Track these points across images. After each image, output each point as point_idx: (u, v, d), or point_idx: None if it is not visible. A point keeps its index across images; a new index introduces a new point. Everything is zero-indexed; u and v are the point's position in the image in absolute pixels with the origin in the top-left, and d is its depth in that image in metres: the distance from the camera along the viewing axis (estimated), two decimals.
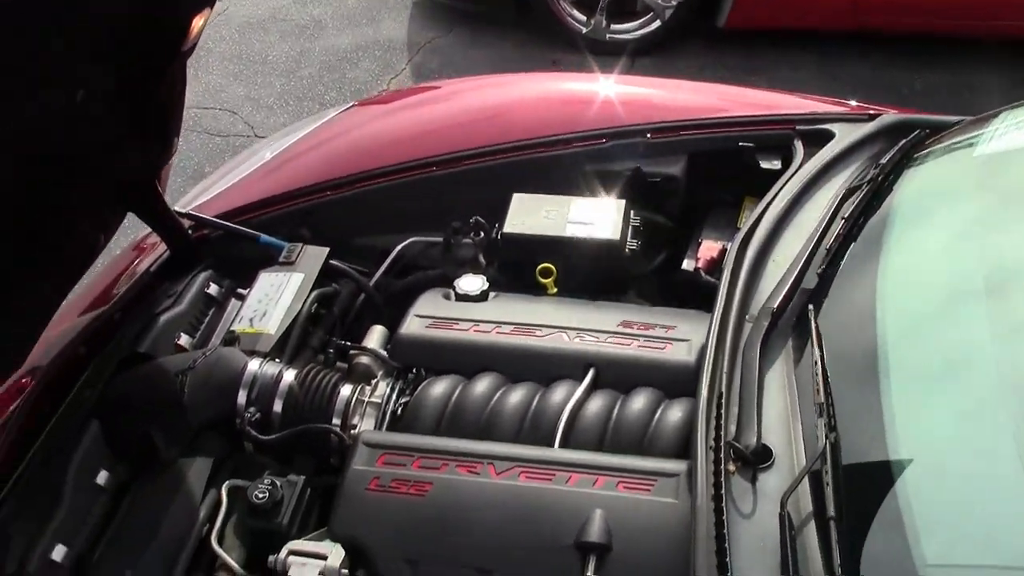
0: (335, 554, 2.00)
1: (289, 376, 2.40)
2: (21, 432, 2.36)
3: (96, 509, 2.28)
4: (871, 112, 2.91)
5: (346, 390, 2.37)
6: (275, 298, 2.64)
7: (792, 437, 1.94)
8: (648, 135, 2.94)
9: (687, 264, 2.78)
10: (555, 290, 2.65)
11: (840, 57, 6.22)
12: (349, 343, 2.58)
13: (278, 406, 2.36)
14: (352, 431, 2.31)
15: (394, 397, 2.35)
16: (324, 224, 2.97)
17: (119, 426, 2.37)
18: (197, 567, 2.20)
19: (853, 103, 3.11)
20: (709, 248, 2.76)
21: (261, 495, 2.14)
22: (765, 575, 1.73)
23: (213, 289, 2.78)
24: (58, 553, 2.16)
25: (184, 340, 2.64)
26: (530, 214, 2.73)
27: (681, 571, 1.81)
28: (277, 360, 2.48)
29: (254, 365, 2.42)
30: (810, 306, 2.16)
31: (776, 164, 2.84)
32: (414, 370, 2.41)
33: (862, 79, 6.07)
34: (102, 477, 2.30)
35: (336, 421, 2.33)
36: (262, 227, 2.93)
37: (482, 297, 2.54)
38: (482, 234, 2.80)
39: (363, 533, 2.02)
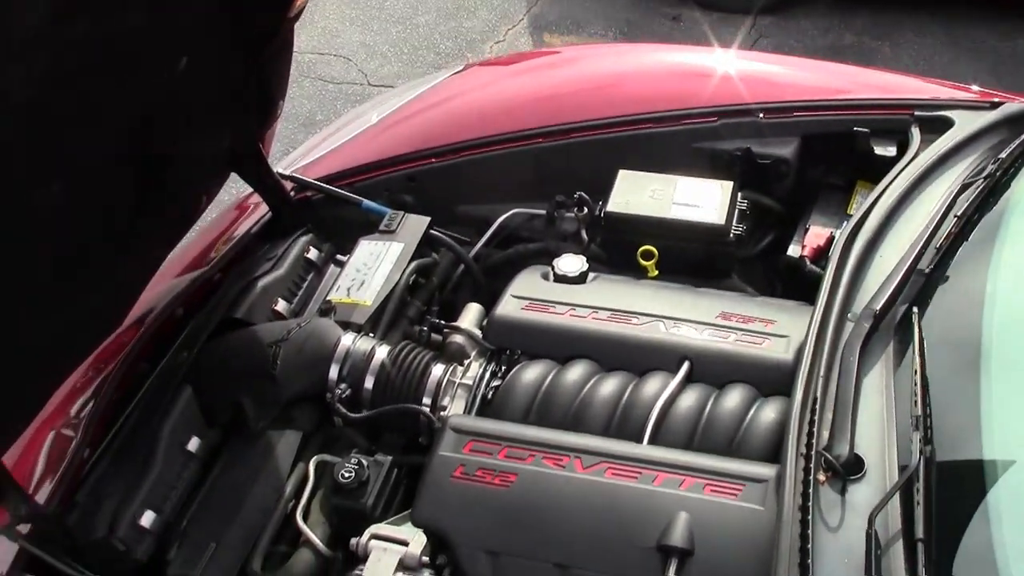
0: (416, 541, 2.00)
1: (382, 353, 2.39)
2: (118, 391, 2.40)
3: (186, 475, 2.30)
4: (994, 100, 2.79)
5: (438, 370, 2.36)
6: (374, 268, 2.63)
7: (886, 448, 1.87)
8: (761, 115, 2.86)
9: (793, 250, 2.71)
10: (655, 273, 2.60)
11: (967, 24, 6.04)
12: (443, 322, 2.57)
13: (369, 383, 2.36)
14: (442, 412, 2.30)
15: (486, 380, 2.33)
16: (427, 191, 2.96)
17: (211, 393, 2.39)
18: (281, 540, 2.22)
19: (976, 88, 2.99)
20: (816, 235, 2.68)
21: (347, 474, 2.14)
22: None
23: (313, 254, 2.78)
24: (147, 519, 2.18)
25: (281, 306, 2.65)
26: (635, 193, 2.68)
27: None
28: (371, 335, 2.48)
29: (347, 340, 2.42)
30: (914, 308, 2.08)
31: (891, 151, 2.74)
32: (507, 352, 2.39)
33: (988, 48, 5.90)
34: (193, 444, 2.32)
35: (426, 401, 2.33)
36: (365, 191, 2.93)
37: (580, 279, 2.49)
38: (585, 210, 2.75)
39: (445, 521, 2.01)
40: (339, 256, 2.81)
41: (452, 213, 2.95)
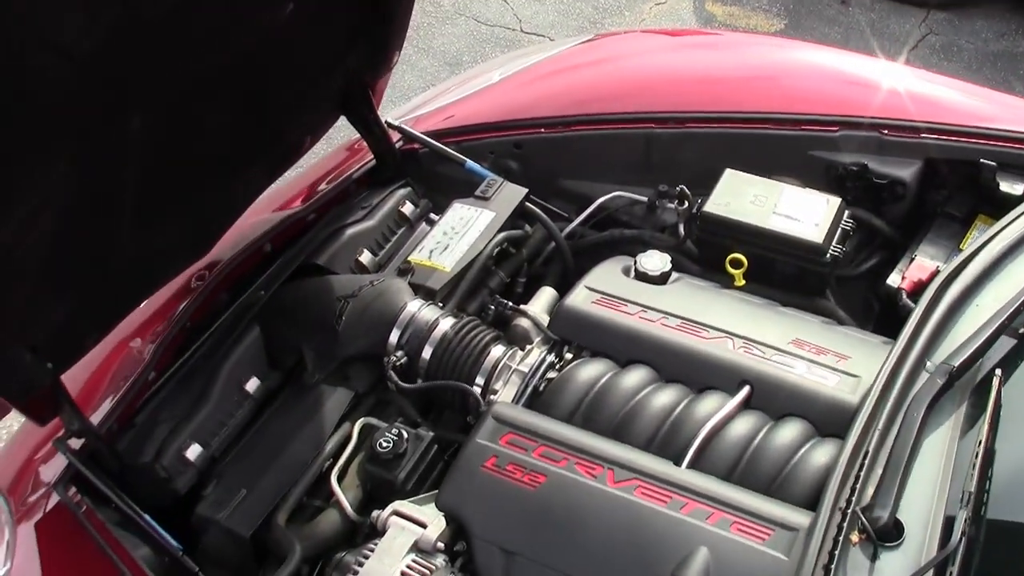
0: (435, 526, 1.98)
1: (445, 325, 2.38)
2: (193, 319, 2.43)
3: (239, 414, 2.33)
4: None
5: (497, 351, 2.34)
6: (461, 233, 2.61)
7: (931, 517, 1.75)
8: (884, 131, 2.72)
9: (892, 279, 2.58)
10: (742, 283, 2.53)
11: None
12: (510, 303, 2.54)
13: (427, 353, 2.35)
14: (492, 396, 2.28)
15: (541, 371, 2.29)
16: (532, 160, 2.93)
17: (277, 337, 2.42)
18: (315, 495, 2.23)
19: None
20: (920, 267, 2.56)
21: (385, 444, 2.14)
22: None
23: (407, 208, 2.79)
24: (192, 452, 2.23)
25: (366, 257, 2.66)
26: (737, 195, 2.60)
27: None
28: (439, 305, 2.46)
29: (413, 307, 2.41)
30: (998, 371, 1.93)
31: (1018, 189, 2.58)
32: (570, 344, 2.35)
33: None
34: (251, 384, 2.36)
35: (479, 381, 2.30)
36: (471, 151, 2.91)
37: (661, 279, 2.42)
38: (686, 203, 2.68)
39: (467, 510, 1.99)
40: (433, 215, 2.80)
41: (554, 185, 2.91)
